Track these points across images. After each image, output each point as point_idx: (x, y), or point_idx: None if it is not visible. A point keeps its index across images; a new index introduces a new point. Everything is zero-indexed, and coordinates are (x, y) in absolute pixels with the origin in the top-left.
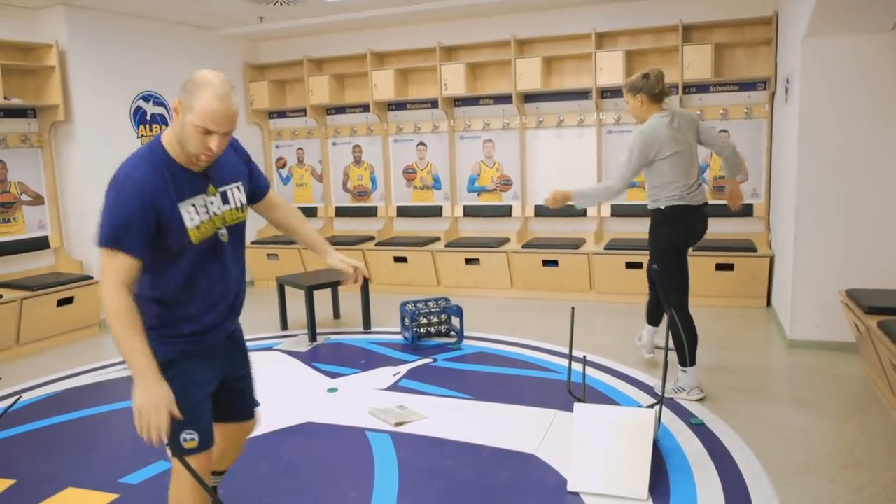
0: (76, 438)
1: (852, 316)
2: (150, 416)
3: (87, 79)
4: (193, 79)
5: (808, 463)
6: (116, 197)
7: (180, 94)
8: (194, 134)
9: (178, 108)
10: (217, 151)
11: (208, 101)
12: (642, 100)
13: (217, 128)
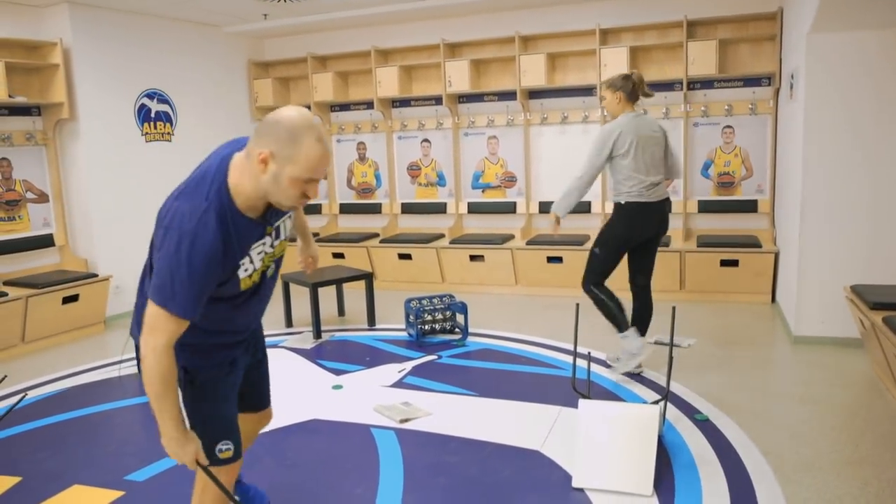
0: (81, 436)
1: (857, 311)
2: (178, 457)
3: (92, 76)
4: (283, 125)
5: (814, 459)
6: (188, 259)
7: (268, 144)
8: (294, 185)
9: (269, 160)
10: (313, 197)
11: (314, 150)
12: (620, 97)
13: (322, 174)
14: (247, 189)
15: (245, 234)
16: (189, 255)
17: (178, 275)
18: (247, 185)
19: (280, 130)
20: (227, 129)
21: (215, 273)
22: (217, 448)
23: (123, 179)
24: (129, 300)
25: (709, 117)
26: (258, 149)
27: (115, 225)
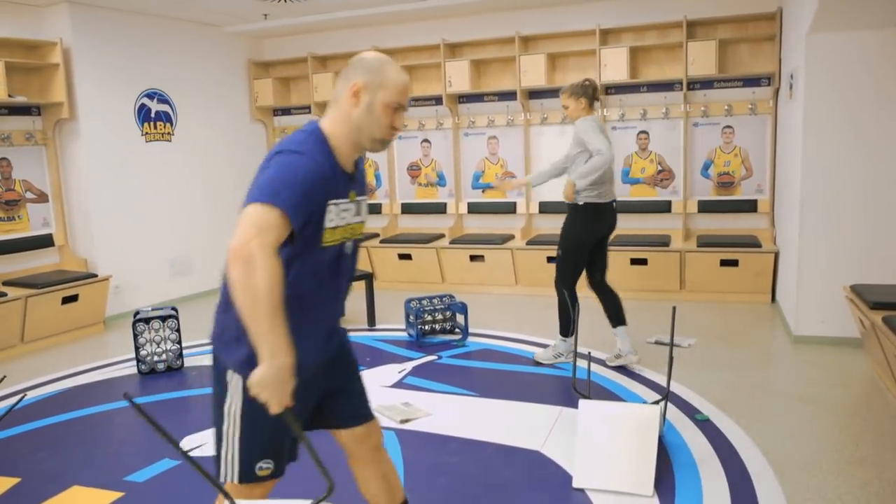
0: (81, 437)
1: (857, 311)
2: (274, 390)
3: (92, 76)
4: (368, 59)
5: (814, 458)
6: (290, 161)
7: (358, 76)
8: (385, 113)
9: (362, 91)
10: (400, 129)
11: (399, 75)
12: (584, 103)
13: (406, 101)
14: (340, 135)
15: (337, 179)
16: (295, 165)
17: (282, 177)
18: (340, 131)
19: (367, 63)
20: (227, 130)
21: (316, 191)
22: (258, 465)
23: (123, 179)
24: (128, 300)
25: (709, 117)
26: (349, 83)
27: (115, 225)
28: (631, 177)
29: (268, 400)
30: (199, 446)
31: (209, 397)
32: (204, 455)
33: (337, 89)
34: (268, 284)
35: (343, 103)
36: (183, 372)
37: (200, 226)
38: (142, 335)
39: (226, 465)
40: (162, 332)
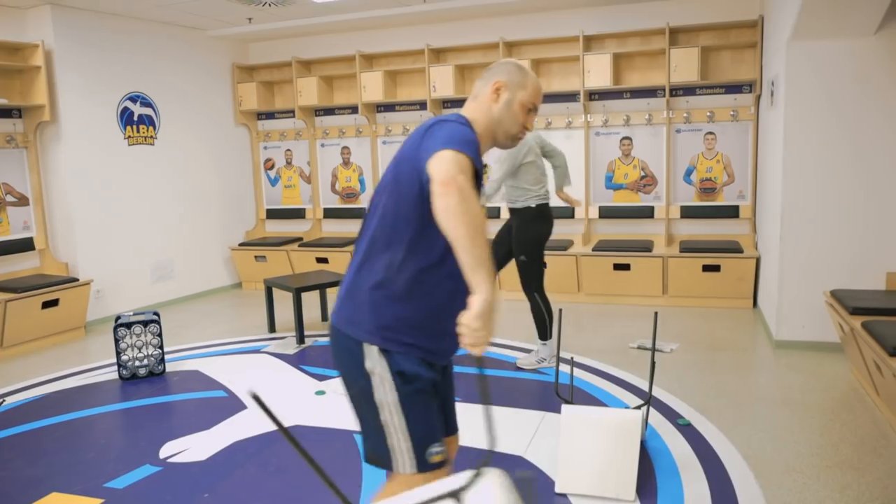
0: (61, 443)
1: (837, 316)
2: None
3: (74, 79)
4: (510, 63)
5: (794, 462)
6: (461, 127)
7: (501, 75)
8: (521, 112)
9: (503, 89)
10: (531, 129)
11: (536, 80)
12: None
13: (539, 104)
14: (481, 126)
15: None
16: (467, 130)
17: (461, 135)
18: (480, 123)
19: (508, 66)
20: (211, 133)
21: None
22: (429, 451)
23: (105, 183)
24: (110, 305)
25: (691, 123)
26: (490, 82)
27: (97, 229)
28: (614, 182)
29: (477, 337)
30: (180, 452)
31: (191, 402)
32: (185, 461)
33: (476, 88)
34: (481, 213)
35: (484, 99)
36: (165, 377)
37: (183, 230)
38: (123, 340)
39: (401, 454)
40: (143, 337)
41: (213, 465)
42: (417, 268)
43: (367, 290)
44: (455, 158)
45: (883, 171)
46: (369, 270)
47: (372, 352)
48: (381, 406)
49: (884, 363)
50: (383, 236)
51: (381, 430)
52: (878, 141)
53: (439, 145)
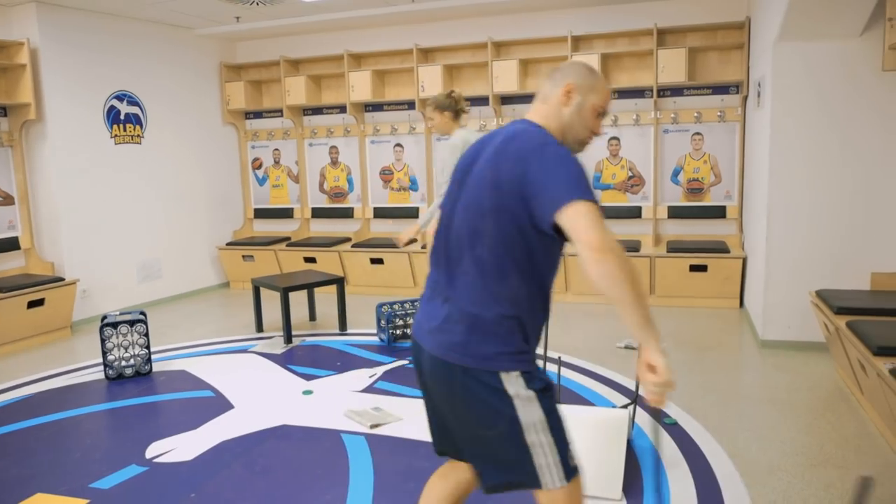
0: (46, 443)
1: (822, 316)
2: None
3: (60, 77)
4: (579, 65)
5: (780, 461)
6: (568, 155)
7: (571, 78)
8: (591, 117)
9: (573, 92)
10: (599, 134)
11: (606, 84)
12: (448, 117)
13: (609, 109)
14: (553, 130)
15: None
16: (574, 158)
17: (577, 172)
18: (552, 128)
19: (579, 68)
20: (198, 132)
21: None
22: (570, 456)
23: (92, 182)
24: (96, 305)
25: (678, 124)
26: (561, 84)
27: (84, 228)
28: (602, 182)
29: (665, 393)
30: (167, 452)
31: (178, 402)
32: (171, 461)
33: (545, 90)
34: (636, 268)
35: (554, 102)
36: (151, 377)
37: (170, 229)
38: (109, 340)
39: (549, 470)
40: (130, 337)
41: (200, 465)
42: (529, 291)
43: (494, 321)
44: (594, 215)
45: (868, 171)
46: (490, 301)
47: (511, 378)
48: (527, 428)
49: (868, 362)
50: (495, 263)
51: (527, 452)
52: (863, 142)
53: (566, 193)
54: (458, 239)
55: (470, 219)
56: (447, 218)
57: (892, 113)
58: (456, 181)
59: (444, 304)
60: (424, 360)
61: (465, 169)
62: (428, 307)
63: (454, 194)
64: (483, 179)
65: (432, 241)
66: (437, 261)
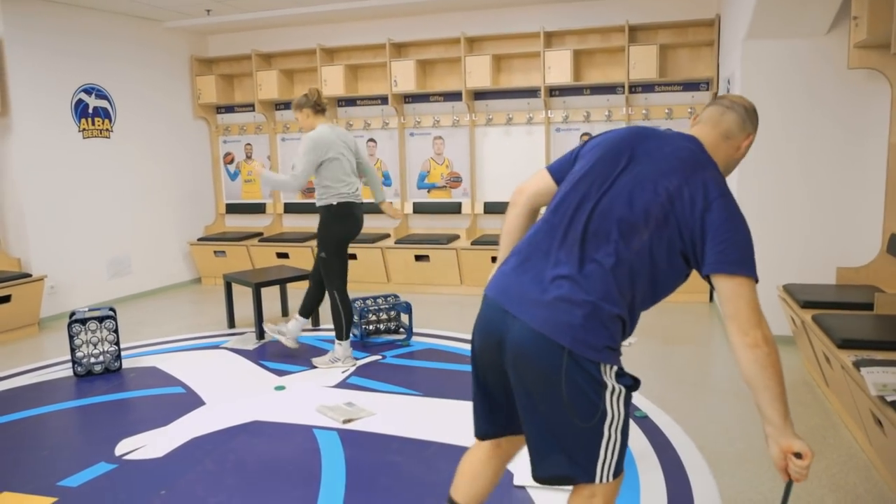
0: (12, 441)
1: (789, 310)
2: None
3: (25, 70)
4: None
5: (747, 453)
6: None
7: (754, 128)
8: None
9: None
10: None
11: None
12: (308, 113)
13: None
14: (719, 163)
15: None
16: (743, 220)
17: (749, 236)
18: (720, 162)
19: (756, 118)
20: (168, 127)
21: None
22: (623, 455)
23: (59, 177)
24: (64, 301)
25: (650, 120)
26: (747, 131)
27: (51, 223)
28: None
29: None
30: (137, 449)
31: (148, 399)
32: (141, 458)
33: (728, 124)
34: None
35: (734, 145)
36: (121, 374)
37: (140, 225)
38: (78, 336)
39: (607, 465)
40: (99, 334)
41: (170, 461)
42: (641, 303)
43: (609, 317)
44: (756, 301)
45: (833, 168)
46: (615, 297)
47: (610, 372)
48: (609, 423)
49: (833, 355)
50: (634, 267)
51: (598, 447)
52: (829, 139)
53: (742, 264)
54: (603, 228)
55: (627, 216)
56: (582, 199)
57: (857, 110)
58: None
59: (563, 281)
60: (513, 331)
61: (613, 159)
62: (530, 277)
63: (599, 179)
64: (657, 186)
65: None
66: (552, 234)
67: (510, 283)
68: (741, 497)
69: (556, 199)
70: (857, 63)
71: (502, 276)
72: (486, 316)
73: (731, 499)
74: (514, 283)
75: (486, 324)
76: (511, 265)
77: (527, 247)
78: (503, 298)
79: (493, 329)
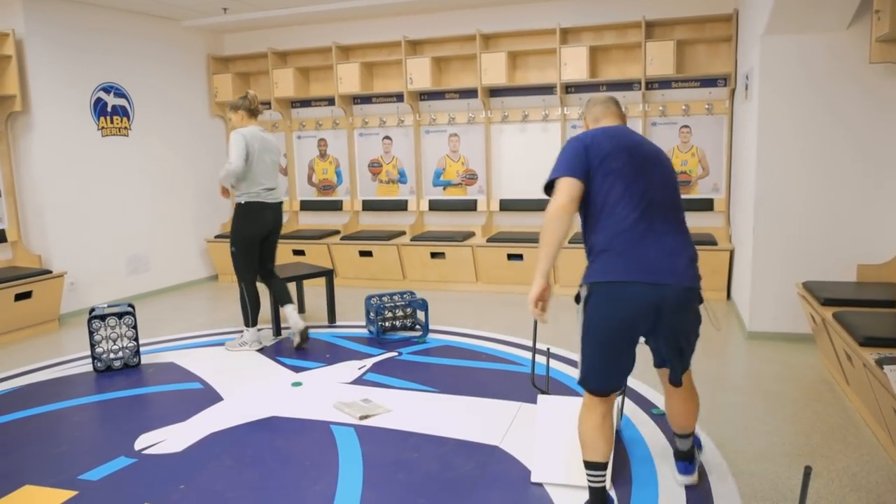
0: (34, 435)
1: (809, 307)
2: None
3: (46, 68)
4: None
5: (766, 451)
6: None
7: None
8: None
9: None
10: None
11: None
12: (242, 115)
13: None
14: None
15: None
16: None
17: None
18: None
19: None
20: (185, 125)
21: None
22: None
23: (79, 174)
24: (84, 297)
25: (666, 117)
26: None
27: (71, 220)
28: None
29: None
30: (156, 443)
31: (167, 394)
32: (160, 452)
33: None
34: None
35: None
36: (140, 369)
37: (158, 222)
38: (97, 332)
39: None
40: (118, 330)
41: (189, 456)
42: None
43: (694, 257)
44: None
45: (853, 164)
46: (686, 233)
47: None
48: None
49: (854, 353)
50: (682, 218)
51: (693, 348)
52: (849, 134)
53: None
54: (667, 203)
55: (669, 192)
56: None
57: (878, 105)
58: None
59: (685, 248)
60: (669, 298)
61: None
62: (654, 252)
63: (631, 166)
64: (668, 168)
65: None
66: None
67: (643, 263)
68: (760, 495)
69: (615, 196)
70: (878, 58)
71: (628, 264)
72: (632, 293)
73: (750, 496)
74: (646, 262)
75: (633, 302)
76: (619, 255)
77: (623, 240)
78: (648, 276)
79: (645, 303)
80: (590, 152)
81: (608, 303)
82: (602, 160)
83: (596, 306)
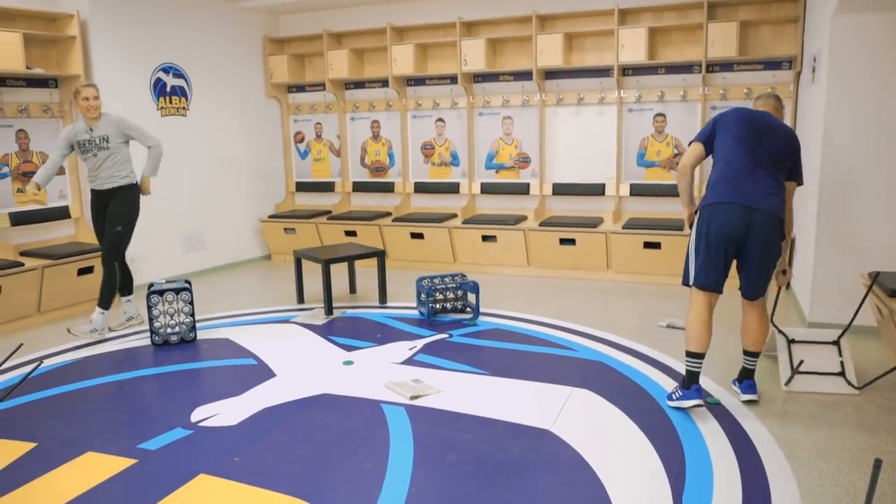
0: (96, 405)
1: (875, 299)
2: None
3: (108, 49)
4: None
5: (827, 444)
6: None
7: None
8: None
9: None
10: None
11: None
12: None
13: None
14: None
15: None
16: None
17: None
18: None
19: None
20: (241, 105)
21: None
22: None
23: (139, 153)
24: (142, 273)
25: (727, 100)
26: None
27: None
28: (646, 160)
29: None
30: (211, 416)
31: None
32: (215, 425)
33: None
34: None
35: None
36: (195, 344)
37: (214, 202)
38: (155, 307)
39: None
40: (175, 305)
41: (243, 429)
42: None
43: (781, 192)
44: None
45: None
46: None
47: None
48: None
49: None
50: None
51: (770, 275)
52: None
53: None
54: (770, 162)
55: (773, 156)
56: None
57: None
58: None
59: (777, 190)
60: (756, 218)
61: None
62: (749, 187)
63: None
64: (781, 141)
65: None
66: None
67: (742, 193)
68: (821, 489)
69: (729, 152)
70: None
71: (731, 192)
72: (730, 212)
73: (811, 490)
74: (744, 192)
75: (732, 217)
76: (727, 185)
77: (731, 177)
78: (743, 200)
79: (740, 219)
80: (717, 124)
81: (711, 216)
82: (727, 127)
83: (704, 220)
